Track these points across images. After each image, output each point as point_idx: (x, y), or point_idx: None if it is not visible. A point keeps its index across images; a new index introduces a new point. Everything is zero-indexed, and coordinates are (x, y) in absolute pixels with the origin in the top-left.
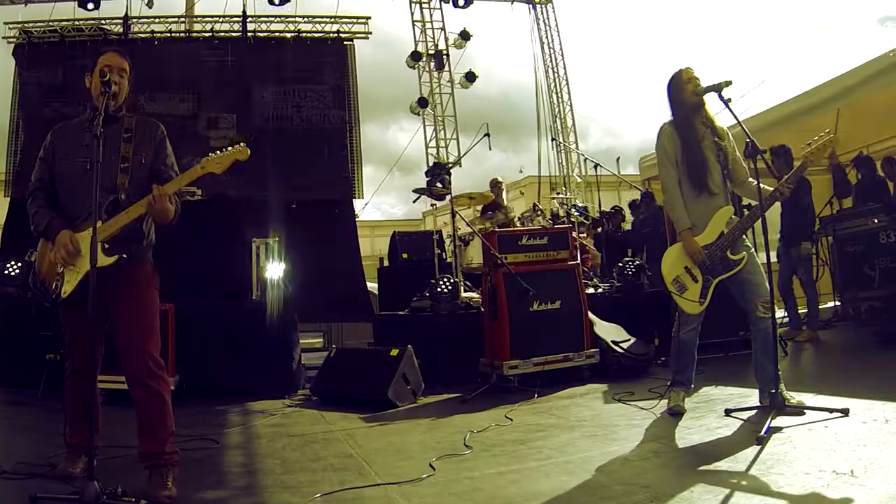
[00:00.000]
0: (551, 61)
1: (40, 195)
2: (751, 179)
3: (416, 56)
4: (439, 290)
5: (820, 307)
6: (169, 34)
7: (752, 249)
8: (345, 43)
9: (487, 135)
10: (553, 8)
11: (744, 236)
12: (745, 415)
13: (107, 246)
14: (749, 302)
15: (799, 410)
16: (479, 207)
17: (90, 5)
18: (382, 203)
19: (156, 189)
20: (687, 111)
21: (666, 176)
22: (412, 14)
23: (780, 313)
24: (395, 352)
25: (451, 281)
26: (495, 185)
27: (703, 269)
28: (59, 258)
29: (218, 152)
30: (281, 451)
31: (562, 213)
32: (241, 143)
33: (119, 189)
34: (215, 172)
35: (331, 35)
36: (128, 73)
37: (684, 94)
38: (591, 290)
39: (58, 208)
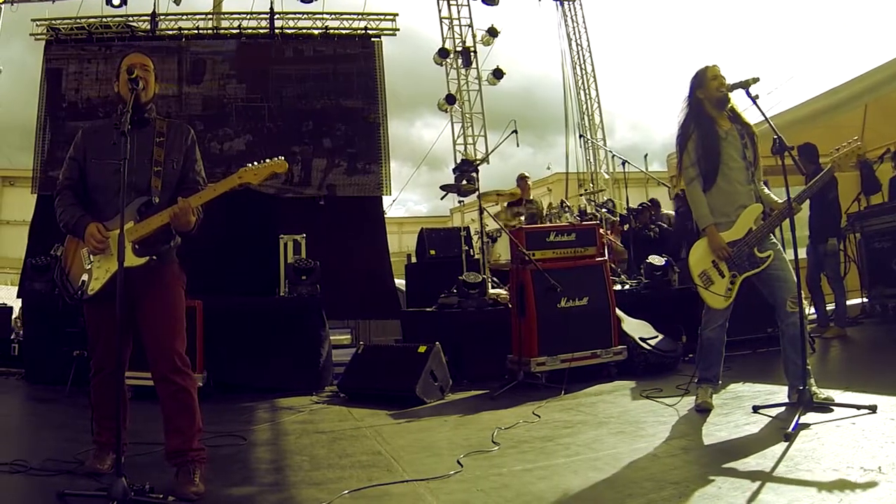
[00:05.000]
0: (579, 58)
1: (68, 193)
2: (762, 186)
3: (443, 53)
4: (467, 286)
5: (847, 304)
6: (196, 31)
7: (779, 246)
8: (372, 39)
9: (515, 131)
10: (581, 4)
11: (771, 234)
12: (773, 411)
13: (137, 247)
14: (777, 298)
15: (826, 407)
16: (505, 203)
17: (116, 1)
18: (407, 200)
19: (182, 202)
20: (706, 106)
21: (687, 177)
22: (440, 11)
23: (807, 310)
24: (422, 348)
25: (479, 277)
26: (522, 179)
27: (729, 265)
28: (89, 248)
29: (256, 163)
30: (309, 448)
31: (590, 209)
32: (280, 157)
33: (153, 192)
34: (252, 183)
35: (358, 32)
36: (151, 69)
37: (708, 90)
38: (618, 287)
39: (88, 207)
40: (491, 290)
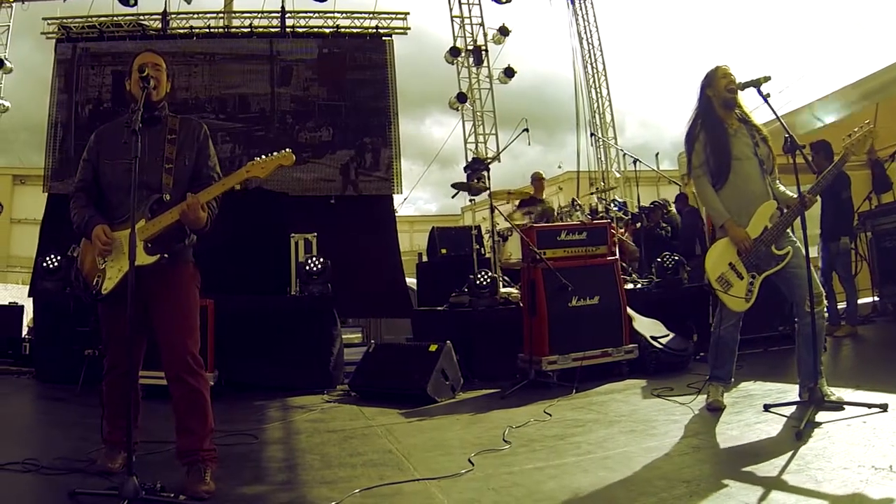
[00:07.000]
0: (590, 56)
1: (82, 195)
2: (777, 184)
3: (454, 51)
4: (478, 285)
5: (858, 302)
6: (207, 30)
7: (798, 244)
8: (383, 38)
9: (526, 130)
10: (591, 3)
11: (788, 231)
12: (784, 410)
13: (149, 245)
14: (796, 296)
15: (838, 406)
16: (517, 202)
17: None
18: (417, 198)
19: (190, 198)
20: (715, 105)
21: (696, 178)
22: (451, 10)
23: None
24: (433, 347)
25: (490, 276)
26: (537, 179)
27: (748, 266)
28: (95, 249)
29: (263, 157)
30: (320, 447)
31: (601, 208)
32: (287, 150)
33: (164, 189)
34: (259, 176)
35: (369, 30)
36: (163, 68)
37: (717, 89)
38: (629, 286)
39: (102, 208)
40: (502, 289)
